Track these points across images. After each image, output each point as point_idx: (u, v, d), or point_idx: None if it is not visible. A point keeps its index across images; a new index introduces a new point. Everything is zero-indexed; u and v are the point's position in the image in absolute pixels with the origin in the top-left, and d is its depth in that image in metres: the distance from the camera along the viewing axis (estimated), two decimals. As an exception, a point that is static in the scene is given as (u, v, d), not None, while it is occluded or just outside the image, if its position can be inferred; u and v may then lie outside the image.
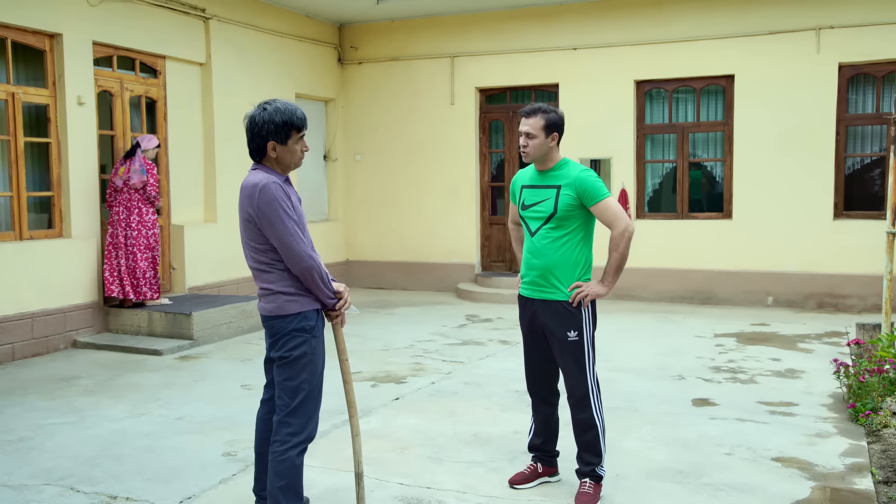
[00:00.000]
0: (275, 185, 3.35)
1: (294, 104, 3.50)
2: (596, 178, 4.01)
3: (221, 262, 9.78)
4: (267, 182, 3.36)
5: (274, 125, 3.40)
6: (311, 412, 3.53)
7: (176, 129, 9.42)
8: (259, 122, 3.41)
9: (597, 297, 4.01)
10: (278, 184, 3.38)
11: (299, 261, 3.37)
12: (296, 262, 3.37)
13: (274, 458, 3.46)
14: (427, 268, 11.95)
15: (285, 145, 3.45)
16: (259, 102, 3.51)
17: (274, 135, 3.41)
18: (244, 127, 3.50)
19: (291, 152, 3.47)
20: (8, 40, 7.58)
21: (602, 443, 4.09)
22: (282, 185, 3.40)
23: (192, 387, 6.48)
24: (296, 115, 3.44)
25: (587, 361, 4.05)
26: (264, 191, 3.33)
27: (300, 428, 3.47)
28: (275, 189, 3.34)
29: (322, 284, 3.45)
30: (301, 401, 3.46)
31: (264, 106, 3.44)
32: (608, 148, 10.80)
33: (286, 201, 3.36)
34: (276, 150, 3.44)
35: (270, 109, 3.41)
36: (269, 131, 3.40)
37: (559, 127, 4.04)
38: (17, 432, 5.32)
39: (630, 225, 3.95)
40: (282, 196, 3.35)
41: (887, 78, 9.67)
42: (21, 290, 7.51)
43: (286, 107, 3.44)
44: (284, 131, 3.42)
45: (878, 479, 4.34)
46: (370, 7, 11.10)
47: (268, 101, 3.47)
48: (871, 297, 9.58)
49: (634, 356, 7.40)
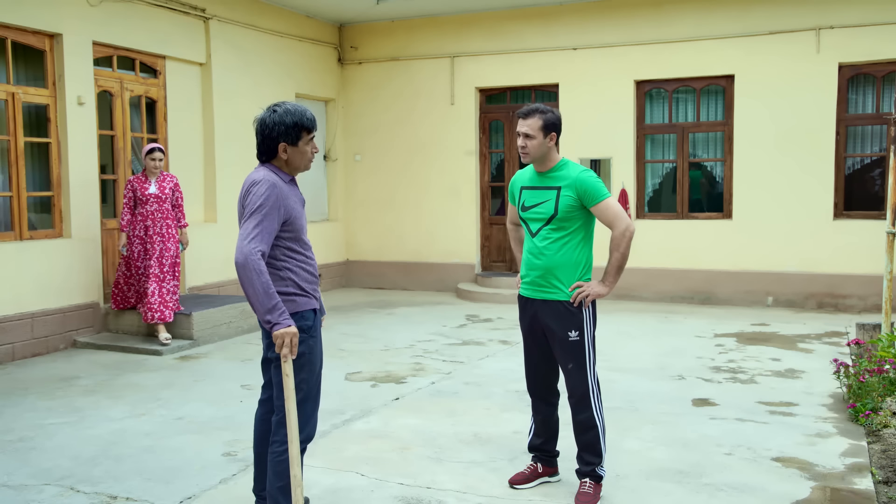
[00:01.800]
0: (271, 185, 3.35)
1: (303, 106, 3.51)
2: (596, 178, 4.01)
3: (221, 262, 9.78)
4: (264, 178, 3.37)
5: (285, 126, 3.41)
6: (311, 412, 3.53)
7: (176, 129, 9.41)
8: (270, 124, 3.41)
9: (597, 296, 4.02)
10: (275, 185, 3.37)
11: (237, 252, 3.25)
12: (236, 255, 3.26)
13: (273, 458, 3.45)
14: (427, 268, 11.95)
15: (296, 146, 3.46)
16: (268, 105, 3.51)
17: (285, 136, 3.42)
18: (254, 129, 3.49)
19: (302, 153, 3.48)
20: (8, 40, 7.58)
21: (602, 443, 4.10)
22: (280, 186, 3.39)
23: (192, 387, 6.48)
24: (305, 117, 3.45)
25: (587, 361, 4.05)
26: (259, 185, 3.35)
27: (300, 428, 3.47)
28: (269, 188, 3.34)
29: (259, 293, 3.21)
30: (300, 401, 3.45)
31: (274, 108, 3.45)
32: (608, 148, 10.80)
33: (275, 203, 3.33)
34: (287, 152, 3.45)
35: (280, 111, 3.42)
36: (280, 133, 3.41)
37: (557, 127, 4.05)
38: (17, 432, 5.31)
39: (631, 225, 3.96)
40: (273, 196, 3.33)
41: (887, 78, 9.67)
42: (21, 290, 7.51)
43: (296, 108, 3.45)
44: (295, 133, 3.43)
45: (878, 479, 4.34)
46: (370, 7, 11.10)
47: (277, 104, 3.47)
48: (871, 297, 9.58)
49: (634, 356, 7.39)
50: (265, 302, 3.23)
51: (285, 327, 3.26)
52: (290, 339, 3.26)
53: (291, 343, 3.27)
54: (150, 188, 7.81)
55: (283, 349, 3.28)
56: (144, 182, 7.84)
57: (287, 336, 3.25)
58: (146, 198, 7.79)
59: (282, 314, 3.26)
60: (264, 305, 3.23)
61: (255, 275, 3.20)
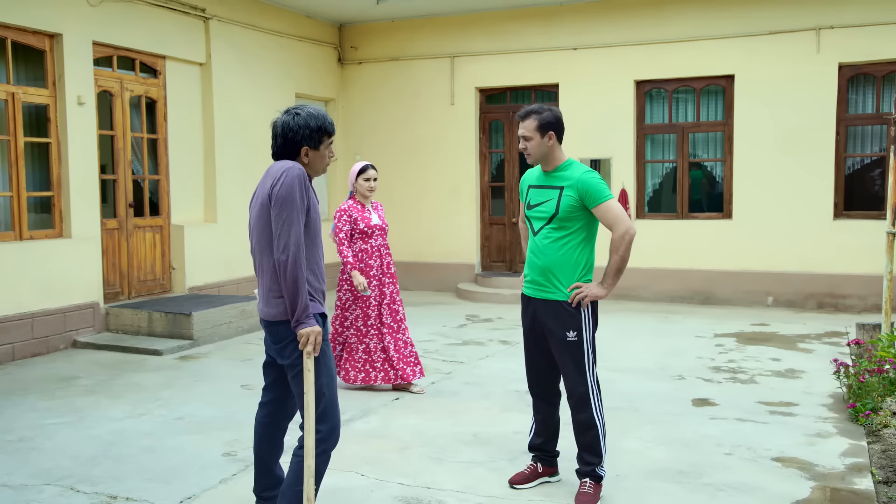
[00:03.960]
0: (302, 173, 3.34)
1: (323, 110, 3.51)
2: (599, 179, 4.01)
3: (221, 262, 9.79)
4: (294, 166, 3.35)
5: (309, 130, 3.40)
6: (337, 417, 3.48)
7: (176, 129, 9.41)
8: (294, 128, 3.39)
9: (596, 298, 4.01)
10: (305, 173, 3.37)
11: (282, 251, 3.27)
12: (279, 252, 3.28)
13: (298, 461, 3.41)
14: (427, 268, 11.95)
15: (318, 151, 3.46)
16: (287, 108, 3.48)
17: (308, 140, 3.42)
18: (274, 132, 3.45)
19: (322, 157, 3.49)
20: (8, 40, 7.58)
21: (602, 443, 4.09)
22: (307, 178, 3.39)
23: (192, 387, 6.48)
24: (328, 121, 3.47)
25: (586, 362, 4.05)
26: (291, 171, 3.32)
27: (327, 434, 3.42)
28: (301, 175, 3.32)
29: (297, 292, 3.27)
30: (325, 406, 3.41)
31: (296, 111, 3.43)
32: (608, 148, 10.80)
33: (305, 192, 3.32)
34: (309, 156, 3.45)
35: (304, 114, 3.41)
36: (305, 136, 3.40)
37: (553, 125, 4.06)
38: (17, 432, 5.31)
39: (631, 228, 3.95)
40: (303, 185, 3.32)
41: (887, 78, 9.67)
42: (21, 290, 7.51)
43: (318, 112, 3.45)
44: (318, 137, 3.43)
45: (878, 479, 4.34)
46: (370, 7, 11.10)
47: (297, 107, 3.46)
48: (871, 297, 9.58)
49: (634, 356, 7.39)
50: (304, 300, 3.29)
51: (311, 326, 3.31)
52: (315, 336, 3.32)
53: (316, 341, 3.32)
54: (373, 218, 6.16)
55: (307, 346, 3.32)
56: (362, 210, 6.13)
57: (313, 334, 3.30)
58: (371, 230, 6.10)
59: (310, 314, 3.33)
60: (302, 303, 3.29)
61: (300, 272, 3.27)
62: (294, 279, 3.26)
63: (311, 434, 3.32)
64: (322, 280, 3.50)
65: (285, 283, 3.28)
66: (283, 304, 3.36)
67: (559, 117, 4.11)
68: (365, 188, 6.08)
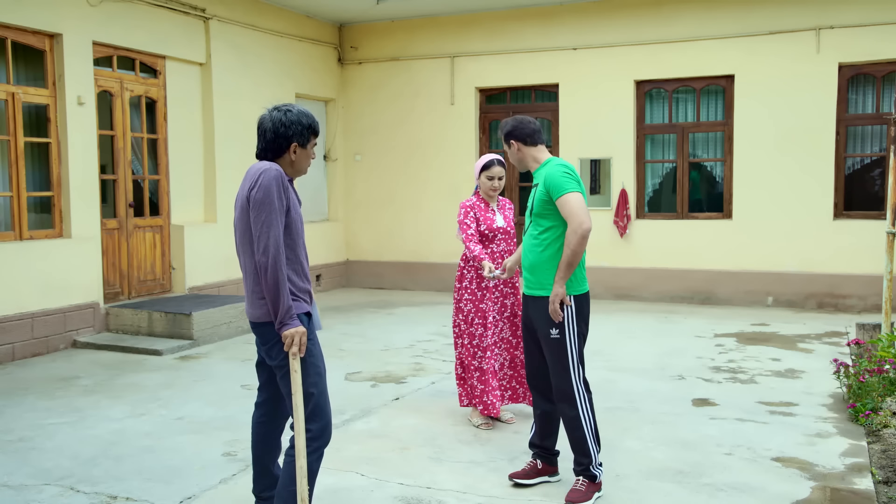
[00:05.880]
0: (279, 174, 3.34)
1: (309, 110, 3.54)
2: (563, 173, 4.03)
3: (221, 262, 9.78)
4: (271, 168, 3.35)
5: (301, 127, 3.43)
6: (327, 415, 3.49)
7: (176, 129, 9.42)
8: (287, 123, 3.40)
9: (558, 298, 4.00)
10: (283, 174, 3.37)
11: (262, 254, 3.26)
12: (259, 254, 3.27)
13: (291, 461, 3.41)
14: (427, 268, 11.95)
15: (304, 149, 3.48)
16: (272, 105, 3.49)
17: (299, 136, 3.43)
18: (262, 128, 3.45)
19: (307, 156, 3.50)
20: (8, 40, 7.58)
21: (590, 444, 4.09)
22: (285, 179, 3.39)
23: (192, 387, 6.48)
24: (315, 121, 3.50)
25: (570, 361, 4.06)
26: (268, 173, 3.31)
27: (319, 433, 3.43)
28: (278, 177, 3.32)
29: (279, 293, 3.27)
30: (314, 406, 3.42)
31: (286, 109, 3.44)
32: (608, 148, 10.80)
33: (283, 193, 3.32)
34: (296, 153, 3.46)
35: (295, 111, 3.43)
36: (295, 133, 3.42)
37: (513, 134, 4.27)
38: (17, 432, 5.31)
39: (585, 223, 3.93)
40: (280, 186, 3.32)
41: (887, 78, 9.67)
42: (21, 290, 7.51)
43: (307, 111, 3.49)
44: (307, 135, 3.46)
45: (878, 479, 4.34)
46: (370, 7, 11.10)
47: (287, 105, 3.47)
48: (871, 297, 9.58)
49: (634, 356, 7.39)
50: (286, 301, 3.29)
51: (294, 327, 3.30)
52: (300, 337, 3.31)
53: (301, 342, 3.32)
54: (497, 220, 5.34)
55: (292, 347, 3.31)
56: (485, 209, 5.34)
57: (297, 335, 3.30)
58: (493, 233, 5.30)
59: (293, 315, 3.32)
60: (285, 304, 3.28)
61: (281, 274, 3.26)
62: (275, 281, 3.26)
63: (301, 435, 3.33)
64: (307, 280, 3.50)
65: (266, 285, 3.28)
66: (266, 305, 3.37)
67: (516, 124, 4.27)
68: (488, 187, 5.28)
